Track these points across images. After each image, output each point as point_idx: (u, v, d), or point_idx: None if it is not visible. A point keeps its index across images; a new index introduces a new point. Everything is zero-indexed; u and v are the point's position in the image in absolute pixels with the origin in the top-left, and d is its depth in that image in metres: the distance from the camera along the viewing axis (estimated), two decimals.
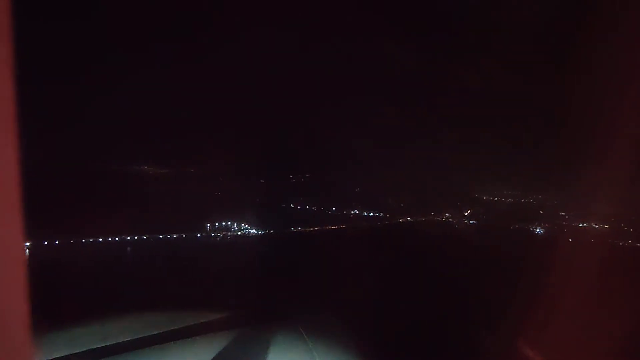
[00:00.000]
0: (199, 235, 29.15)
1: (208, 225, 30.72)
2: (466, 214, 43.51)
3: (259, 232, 31.11)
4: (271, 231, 31.74)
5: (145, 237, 27.28)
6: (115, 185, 34.93)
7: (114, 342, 6.11)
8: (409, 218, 42.13)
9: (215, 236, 30.36)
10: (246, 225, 31.37)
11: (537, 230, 38.89)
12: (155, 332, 6.57)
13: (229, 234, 30.21)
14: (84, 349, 5.88)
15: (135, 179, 38.99)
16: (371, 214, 42.00)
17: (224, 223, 31.30)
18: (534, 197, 49.32)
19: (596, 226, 36.99)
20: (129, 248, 27.23)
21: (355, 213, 42.08)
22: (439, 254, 22.99)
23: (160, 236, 28.10)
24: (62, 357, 5.73)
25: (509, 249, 23.80)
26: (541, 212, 44.39)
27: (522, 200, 49.84)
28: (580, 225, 38.03)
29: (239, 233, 30.55)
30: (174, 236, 28.43)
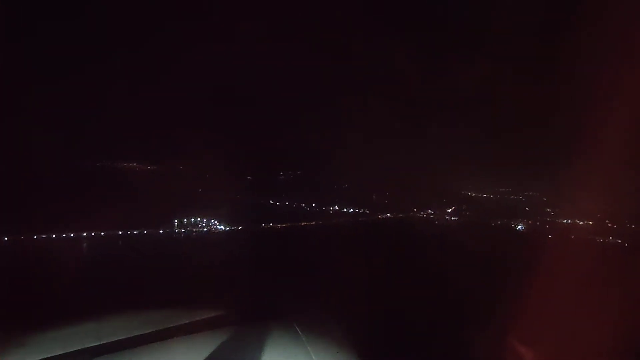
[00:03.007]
0: (161, 231, 28.56)
1: (175, 221, 30.13)
2: (449, 210, 42.61)
3: (227, 229, 30.47)
4: (239, 227, 31.09)
5: (103, 234, 26.91)
6: (102, 182, 34.87)
7: (108, 341, 5.78)
8: (389, 214, 41.25)
9: (180, 232, 29.85)
10: (215, 222, 30.74)
11: (519, 226, 38.00)
12: (149, 331, 6.32)
13: (194, 230, 29.63)
14: (77, 348, 5.57)
15: (122, 176, 38.88)
16: (351, 210, 41.19)
17: (192, 219, 30.68)
18: (524, 194, 48.65)
19: (581, 222, 36.25)
20: (111, 243, 26.97)
21: (336, 209, 41.32)
22: (405, 249, 22.19)
23: (120, 232, 27.68)
24: (55, 356, 5.38)
25: (479, 245, 22.88)
26: (527, 208, 43.56)
27: (512, 197, 49.12)
28: (565, 221, 37.29)
29: (205, 229, 29.94)
30: (135, 232, 27.95)
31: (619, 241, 28.77)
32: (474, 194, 50.07)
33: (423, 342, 8.11)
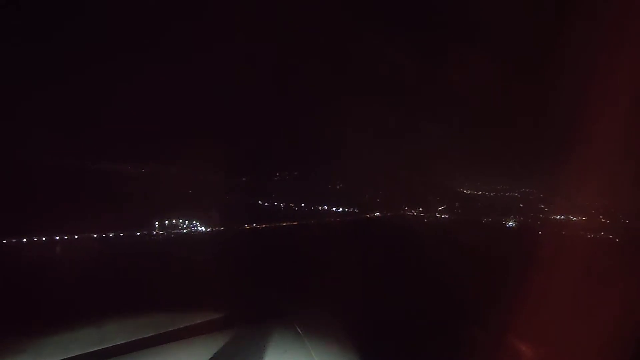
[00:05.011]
0: (138, 233, 28.07)
1: (157, 223, 29.65)
2: (440, 208, 41.83)
3: (207, 230, 29.98)
4: (221, 228, 30.58)
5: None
6: (97, 185, 34.54)
7: (109, 345, 5.49)
8: (377, 213, 40.56)
9: (176, 234, 29.42)
10: (196, 223, 30.23)
11: (510, 223, 37.16)
12: (150, 334, 6.12)
13: (172, 232, 29.14)
14: (78, 353, 5.26)
15: (116, 178, 38.54)
16: (340, 209, 40.55)
17: (173, 221, 30.19)
18: (520, 191, 47.91)
19: (574, 218, 35.48)
20: (108, 246, 26.61)
21: (325, 209, 40.69)
22: (385, 246, 21.63)
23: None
24: None
25: (462, 241, 22.24)
26: (521, 205, 42.79)
27: (507, 194, 48.34)
28: (558, 217, 36.52)
29: (185, 231, 29.45)
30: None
31: (611, 236, 27.90)
32: (469, 192, 49.43)
33: (420, 338, 7.93)
